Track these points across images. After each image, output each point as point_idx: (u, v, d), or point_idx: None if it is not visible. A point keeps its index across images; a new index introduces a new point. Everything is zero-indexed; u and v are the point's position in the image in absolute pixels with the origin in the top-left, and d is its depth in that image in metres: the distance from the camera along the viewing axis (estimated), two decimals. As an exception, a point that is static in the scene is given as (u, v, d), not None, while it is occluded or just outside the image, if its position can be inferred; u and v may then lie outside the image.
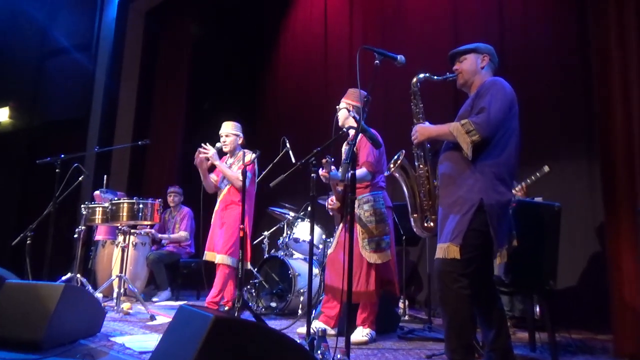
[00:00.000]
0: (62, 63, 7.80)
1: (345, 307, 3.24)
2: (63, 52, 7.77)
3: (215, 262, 3.90)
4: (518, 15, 4.65)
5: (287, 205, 4.87)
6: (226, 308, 3.82)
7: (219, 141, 4.06)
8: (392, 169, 2.43)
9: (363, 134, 2.59)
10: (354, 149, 2.28)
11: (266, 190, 5.52)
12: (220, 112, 6.96)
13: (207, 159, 3.91)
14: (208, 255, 4.00)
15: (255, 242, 4.78)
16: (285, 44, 6.98)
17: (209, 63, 7.28)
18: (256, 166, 4.06)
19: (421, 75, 2.45)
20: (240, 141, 4.15)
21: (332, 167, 3.12)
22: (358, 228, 3.08)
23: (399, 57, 2.35)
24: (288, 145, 4.53)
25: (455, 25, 5.11)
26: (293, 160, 4.45)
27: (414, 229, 2.45)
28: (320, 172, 2.96)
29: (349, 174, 2.19)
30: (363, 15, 6.05)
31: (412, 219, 2.44)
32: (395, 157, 2.47)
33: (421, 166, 2.42)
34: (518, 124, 2.27)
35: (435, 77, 2.45)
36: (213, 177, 4.16)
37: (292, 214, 4.65)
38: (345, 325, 2.25)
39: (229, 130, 4.11)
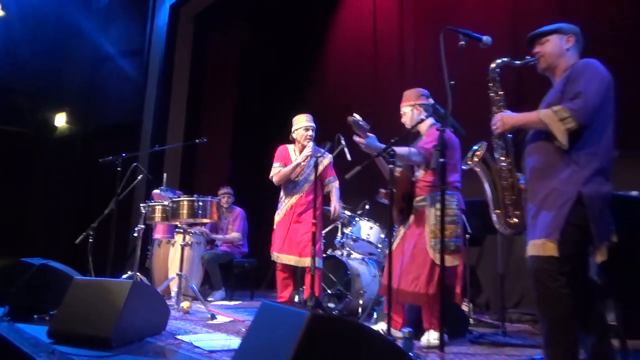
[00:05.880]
0: (115, 68, 8.04)
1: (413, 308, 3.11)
2: (116, 57, 8.01)
3: (305, 266, 3.62)
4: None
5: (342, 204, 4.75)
6: None
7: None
8: (472, 162, 2.27)
9: (444, 122, 2.38)
10: (442, 135, 2.11)
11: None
12: (269, 113, 6.98)
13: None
14: (284, 259, 3.74)
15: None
16: (334, 44, 6.87)
17: (258, 64, 7.30)
18: None
19: (500, 61, 2.30)
20: None
21: (368, 134, 2.85)
22: (427, 227, 2.92)
23: (484, 38, 2.19)
24: (343, 142, 4.42)
25: (514, 17, 4.86)
26: (349, 158, 4.35)
27: (497, 226, 2.29)
28: (356, 138, 2.79)
29: (440, 162, 2.03)
30: (414, 12, 5.90)
31: (494, 215, 2.27)
32: (475, 148, 2.30)
33: (502, 158, 2.26)
34: (613, 110, 2.07)
35: (516, 62, 2.29)
36: (285, 171, 3.93)
37: (348, 212, 4.53)
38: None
39: (312, 123, 4.05)
